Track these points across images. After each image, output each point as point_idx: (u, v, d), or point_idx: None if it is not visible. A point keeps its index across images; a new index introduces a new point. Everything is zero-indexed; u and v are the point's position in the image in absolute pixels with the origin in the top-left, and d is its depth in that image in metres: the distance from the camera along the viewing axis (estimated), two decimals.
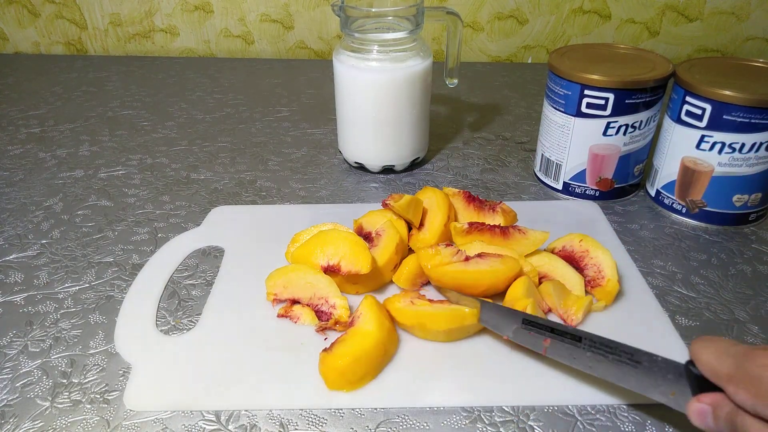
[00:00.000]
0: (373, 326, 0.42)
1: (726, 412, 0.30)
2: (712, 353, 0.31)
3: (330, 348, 0.41)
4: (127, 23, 1.08)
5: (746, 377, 0.29)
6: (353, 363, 0.40)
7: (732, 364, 0.30)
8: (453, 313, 0.43)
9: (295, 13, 1.05)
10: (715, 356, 0.31)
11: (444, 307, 0.44)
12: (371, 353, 0.41)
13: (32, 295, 0.50)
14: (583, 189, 0.62)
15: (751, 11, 0.99)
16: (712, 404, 0.31)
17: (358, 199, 0.64)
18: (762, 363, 0.28)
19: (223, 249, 0.55)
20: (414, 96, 0.63)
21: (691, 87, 0.54)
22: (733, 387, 0.29)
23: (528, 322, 0.38)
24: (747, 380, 0.28)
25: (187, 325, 0.47)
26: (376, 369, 0.41)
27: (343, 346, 0.41)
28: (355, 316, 0.44)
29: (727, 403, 0.30)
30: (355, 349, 0.40)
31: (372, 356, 0.41)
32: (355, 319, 0.44)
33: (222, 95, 0.91)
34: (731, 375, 0.30)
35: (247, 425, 0.38)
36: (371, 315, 0.43)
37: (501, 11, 1.02)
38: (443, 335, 0.44)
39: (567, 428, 0.38)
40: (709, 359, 0.31)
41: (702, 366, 0.32)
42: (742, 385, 0.29)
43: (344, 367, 0.40)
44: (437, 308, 0.43)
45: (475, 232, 0.51)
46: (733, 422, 0.30)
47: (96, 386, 0.41)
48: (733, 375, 0.29)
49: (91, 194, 0.65)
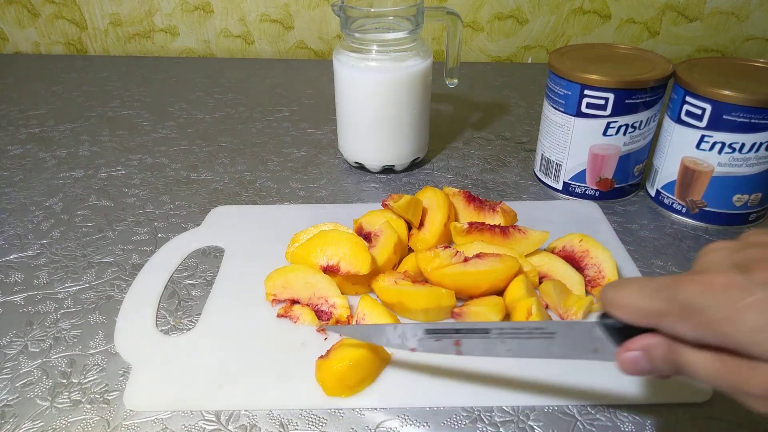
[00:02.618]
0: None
1: (661, 351, 0.29)
2: (633, 293, 0.29)
3: (326, 354, 0.41)
4: (127, 23, 1.08)
5: (683, 308, 0.27)
6: (352, 367, 0.40)
7: (661, 298, 0.28)
8: (431, 293, 0.45)
9: (295, 13, 1.05)
10: (638, 295, 0.29)
11: (423, 287, 0.45)
12: (369, 356, 0.41)
13: (32, 295, 0.50)
14: (583, 189, 0.62)
15: (751, 11, 0.99)
16: (643, 348, 0.29)
17: (358, 199, 0.64)
18: (695, 290, 0.26)
19: (223, 249, 0.55)
20: (414, 96, 0.63)
21: (691, 87, 0.54)
22: (671, 321, 0.27)
23: (431, 331, 0.37)
24: (685, 311, 0.27)
25: (187, 325, 0.47)
26: (374, 372, 0.41)
27: (341, 351, 0.41)
28: (357, 319, 0.44)
29: (660, 342, 0.29)
30: (353, 352, 0.40)
31: (370, 359, 0.41)
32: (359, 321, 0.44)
33: (222, 95, 0.91)
34: (664, 310, 0.27)
35: (247, 425, 0.38)
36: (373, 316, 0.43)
37: (501, 11, 1.02)
38: (421, 314, 0.45)
39: (567, 428, 0.38)
40: (632, 300, 0.29)
41: (624, 310, 0.29)
42: (680, 317, 0.27)
43: (342, 372, 0.39)
44: (417, 288, 0.45)
45: (475, 232, 0.51)
46: (672, 360, 0.28)
47: (96, 386, 0.41)
48: (666, 309, 0.27)
49: (91, 194, 0.65)
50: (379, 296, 0.46)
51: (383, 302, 0.46)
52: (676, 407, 0.39)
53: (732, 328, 0.25)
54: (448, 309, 0.45)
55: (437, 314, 0.45)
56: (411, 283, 0.46)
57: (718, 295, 0.26)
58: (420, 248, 0.51)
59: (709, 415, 0.39)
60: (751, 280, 0.25)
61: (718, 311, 0.25)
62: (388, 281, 0.46)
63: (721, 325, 0.25)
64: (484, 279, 0.45)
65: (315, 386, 0.41)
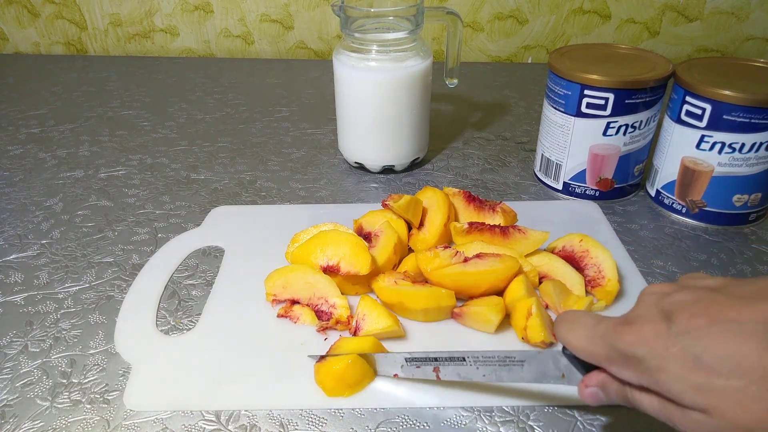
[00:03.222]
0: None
1: (614, 389, 0.31)
2: (580, 338, 0.31)
3: (323, 358, 0.41)
4: (127, 23, 1.08)
5: (622, 357, 0.28)
6: (351, 365, 0.39)
7: (604, 346, 0.30)
8: (431, 294, 0.44)
9: (295, 13, 1.05)
10: (585, 340, 0.31)
11: (423, 287, 0.45)
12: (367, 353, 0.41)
13: (32, 295, 0.50)
14: (583, 189, 0.62)
15: (751, 11, 0.99)
16: (599, 385, 0.31)
17: (358, 199, 0.64)
18: (631, 341, 0.28)
19: (223, 249, 0.55)
20: (414, 96, 0.63)
21: (691, 87, 0.54)
22: (615, 368, 0.29)
23: (410, 360, 0.39)
24: (624, 360, 0.28)
25: (187, 325, 0.47)
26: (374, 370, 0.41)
27: (339, 349, 0.41)
28: (357, 319, 0.44)
29: (612, 380, 0.31)
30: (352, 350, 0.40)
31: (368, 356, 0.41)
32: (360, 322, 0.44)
33: (222, 95, 0.91)
34: (608, 356, 0.29)
35: (247, 425, 0.38)
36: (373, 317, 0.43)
37: (501, 11, 1.02)
38: (421, 314, 0.45)
39: (567, 428, 0.38)
40: (579, 344, 0.31)
41: (576, 351, 0.32)
42: (623, 365, 0.29)
43: (341, 371, 0.39)
44: (417, 288, 0.45)
45: (475, 232, 0.51)
46: (624, 397, 0.30)
47: (96, 386, 0.41)
48: (609, 356, 0.29)
49: (91, 194, 0.65)
50: (379, 296, 0.46)
51: (383, 302, 0.46)
52: None
53: (664, 377, 0.27)
54: (448, 309, 0.45)
55: (437, 314, 0.45)
56: (411, 283, 0.46)
57: (650, 344, 0.27)
58: (420, 248, 0.51)
59: None
60: (674, 330, 0.27)
61: (651, 361, 0.27)
62: (388, 281, 0.46)
63: (656, 374, 0.27)
64: (484, 279, 0.45)
65: (315, 386, 0.41)
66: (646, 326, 0.28)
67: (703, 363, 0.25)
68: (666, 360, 0.26)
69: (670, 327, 0.27)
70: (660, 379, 0.27)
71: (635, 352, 0.28)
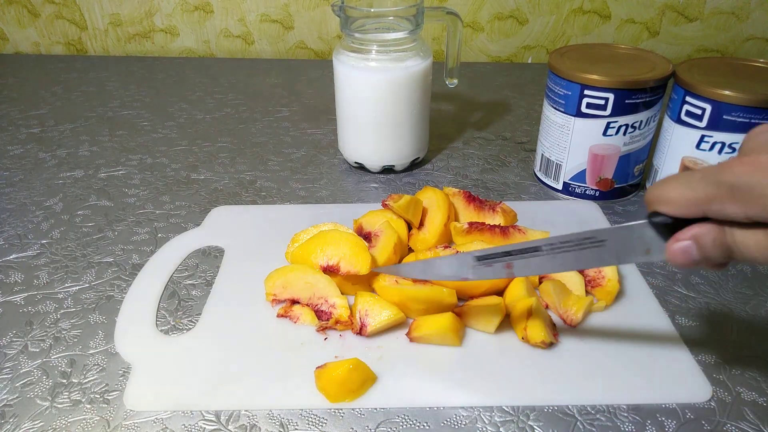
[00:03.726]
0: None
1: (712, 237, 0.29)
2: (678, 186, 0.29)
3: (324, 365, 0.41)
4: (127, 23, 1.08)
5: (732, 189, 0.27)
6: (352, 370, 0.39)
7: (709, 184, 0.28)
8: (432, 293, 0.44)
9: (295, 13, 1.05)
10: (685, 186, 0.29)
11: (424, 286, 0.45)
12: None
13: (32, 295, 0.50)
14: (583, 189, 0.62)
15: (751, 11, 0.99)
16: (693, 236, 0.29)
17: (358, 199, 0.64)
18: (743, 171, 0.27)
19: (223, 249, 0.55)
20: (414, 96, 0.63)
21: (691, 87, 0.54)
22: (720, 204, 0.27)
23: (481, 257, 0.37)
24: (734, 192, 0.27)
25: (187, 325, 0.47)
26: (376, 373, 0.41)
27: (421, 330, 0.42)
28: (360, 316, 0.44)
29: (710, 228, 0.29)
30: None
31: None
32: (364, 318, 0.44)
33: (222, 95, 0.91)
34: (713, 194, 0.28)
35: (247, 425, 0.38)
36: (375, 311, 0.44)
37: (501, 11, 1.02)
38: (423, 313, 0.45)
39: (567, 428, 0.38)
40: (679, 192, 0.29)
41: (673, 203, 0.29)
42: (730, 198, 0.27)
43: (343, 377, 0.39)
44: (418, 287, 0.45)
45: (475, 231, 0.51)
46: (724, 244, 0.28)
47: (96, 386, 0.41)
48: (715, 194, 0.28)
49: (91, 194, 0.65)
50: (381, 296, 0.46)
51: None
52: (676, 407, 0.39)
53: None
54: (449, 308, 0.45)
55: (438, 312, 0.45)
56: (412, 282, 0.46)
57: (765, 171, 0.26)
58: (420, 248, 0.51)
59: (709, 415, 0.39)
60: None
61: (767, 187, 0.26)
62: (389, 281, 0.46)
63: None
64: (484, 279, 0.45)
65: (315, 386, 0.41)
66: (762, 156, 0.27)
67: None
68: None
69: None
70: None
71: (748, 181, 0.26)
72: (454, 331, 0.43)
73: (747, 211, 0.27)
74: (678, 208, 0.29)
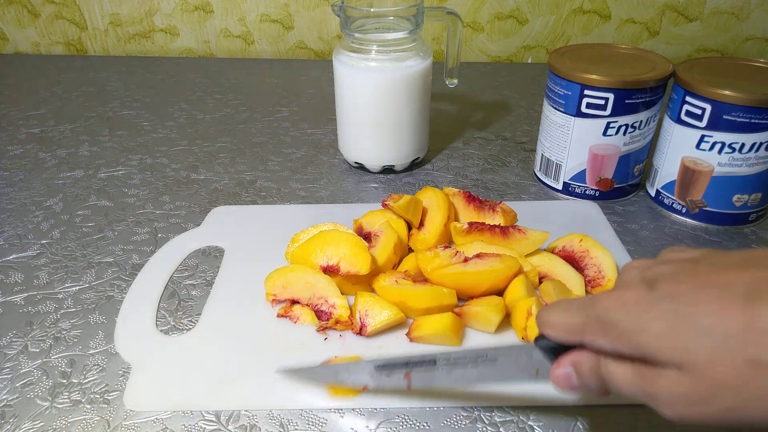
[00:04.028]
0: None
1: (588, 366, 0.30)
2: (559, 313, 0.31)
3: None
4: (127, 23, 1.08)
5: (598, 322, 0.28)
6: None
7: (581, 315, 0.29)
8: (433, 293, 0.44)
9: (295, 13, 1.05)
10: (563, 314, 0.30)
11: (425, 286, 0.45)
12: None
13: (32, 295, 0.50)
14: (583, 189, 0.62)
15: (751, 11, 0.99)
16: (572, 363, 0.31)
17: (358, 199, 0.64)
18: (607, 306, 0.28)
19: (223, 249, 0.55)
20: (414, 96, 0.63)
21: (691, 87, 0.54)
22: (590, 336, 0.29)
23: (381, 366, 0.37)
24: (600, 325, 0.28)
25: (187, 325, 0.47)
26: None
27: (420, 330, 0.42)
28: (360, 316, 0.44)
29: (586, 356, 0.30)
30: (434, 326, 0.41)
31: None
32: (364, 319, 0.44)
33: (222, 95, 0.91)
34: (584, 324, 0.29)
35: (247, 425, 0.38)
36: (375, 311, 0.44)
37: (501, 11, 1.02)
38: (423, 314, 0.45)
39: (567, 428, 0.38)
40: (558, 319, 0.31)
41: (554, 328, 0.31)
42: (597, 331, 0.28)
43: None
44: (419, 287, 0.45)
45: (475, 232, 0.51)
46: (597, 372, 0.29)
47: (96, 386, 0.41)
48: (585, 324, 0.29)
49: (91, 194, 0.65)
50: (381, 296, 0.46)
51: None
52: None
53: (641, 337, 0.26)
54: (449, 308, 0.45)
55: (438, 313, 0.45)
56: (412, 282, 0.46)
57: (629, 309, 0.27)
58: (420, 248, 0.51)
59: None
60: (656, 295, 0.27)
61: (629, 323, 0.27)
62: (389, 281, 0.46)
63: (632, 336, 0.27)
64: (484, 279, 0.45)
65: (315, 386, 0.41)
66: (628, 293, 0.28)
67: (684, 317, 0.25)
68: (645, 321, 0.26)
69: (652, 293, 0.27)
70: (638, 340, 0.26)
71: (612, 317, 0.28)
72: (454, 331, 0.43)
73: (613, 345, 0.28)
74: (559, 333, 0.31)
